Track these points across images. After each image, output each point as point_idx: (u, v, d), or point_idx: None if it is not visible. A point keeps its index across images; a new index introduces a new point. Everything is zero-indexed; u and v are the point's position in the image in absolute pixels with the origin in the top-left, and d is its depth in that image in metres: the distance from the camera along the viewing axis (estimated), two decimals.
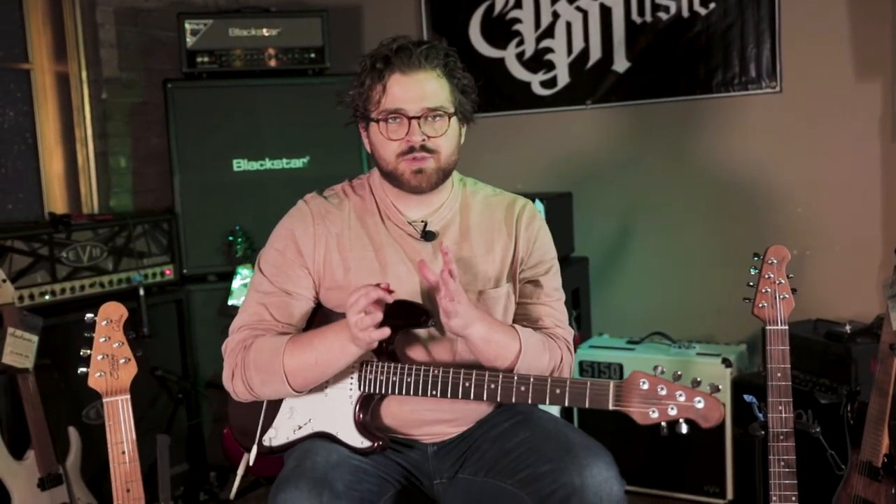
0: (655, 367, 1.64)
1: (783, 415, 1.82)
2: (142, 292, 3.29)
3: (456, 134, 1.87)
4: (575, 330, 3.60)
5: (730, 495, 3.15)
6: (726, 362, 3.15)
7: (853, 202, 3.34)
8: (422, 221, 1.89)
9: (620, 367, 3.32)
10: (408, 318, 1.76)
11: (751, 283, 1.91)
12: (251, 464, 1.89)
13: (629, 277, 3.79)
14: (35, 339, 2.81)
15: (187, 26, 3.58)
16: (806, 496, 2.78)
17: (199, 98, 3.59)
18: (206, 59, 3.60)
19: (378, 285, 1.68)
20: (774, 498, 1.82)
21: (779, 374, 1.83)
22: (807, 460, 2.76)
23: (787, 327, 1.86)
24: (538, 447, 1.77)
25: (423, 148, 1.79)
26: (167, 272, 3.50)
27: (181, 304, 3.53)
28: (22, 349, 2.78)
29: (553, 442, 1.76)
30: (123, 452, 1.66)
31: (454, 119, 1.84)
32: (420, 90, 1.79)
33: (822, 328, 2.95)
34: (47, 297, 3.10)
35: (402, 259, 1.86)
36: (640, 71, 3.67)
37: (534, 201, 3.24)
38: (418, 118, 1.79)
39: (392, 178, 1.84)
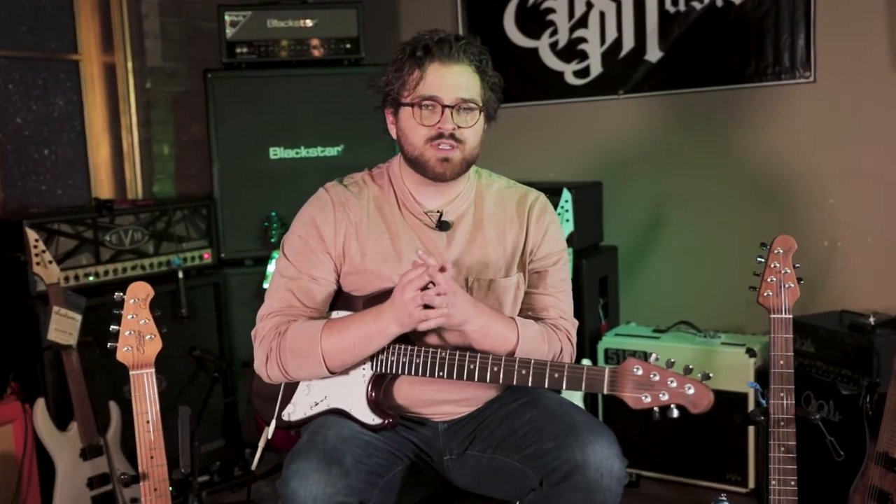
0: (649, 355, 1.70)
1: (784, 401, 1.86)
2: (181, 275, 3.42)
3: (481, 128, 1.93)
4: (602, 318, 3.68)
5: (751, 484, 3.17)
6: (751, 352, 3.16)
7: (886, 194, 3.32)
8: (437, 211, 1.95)
9: (645, 354, 3.35)
10: None
11: (757, 273, 1.95)
12: (269, 437, 1.98)
13: (658, 266, 3.82)
14: (79, 317, 2.95)
15: (227, 18, 3.68)
16: (821, 484, 2.82)
17: (238, 87, 3.69)
18: (244, 49, 3.71)
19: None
20: (774, 482, 1.86)
21: (781, 362, 1.87)
22: (822, 449, 2.79)
23: (791, 316, 1.89)
24: (543, 426, 1.84)
25: (452, 136, 1.86)
26: (205, 256, 3.62)
27: (218, 287, 3.64)
28: (66, 327, 2.92)
29: (558, 421, 1.83)
30: (148, 422, 1.76)
31: (482, 114, 1.91)
32: (456, 81, 1.86)
33: (846, 319, 2.95)
34: (91, 279, 3.23)
35: (418, 247, 1.92)
36: (672, 61, 3.68)
37: (562, 191, 3.32)
38: (452, 107, 1.85)
39: (417, 163, 1.90)
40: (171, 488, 3.31)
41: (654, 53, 3.71)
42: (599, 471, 1.72)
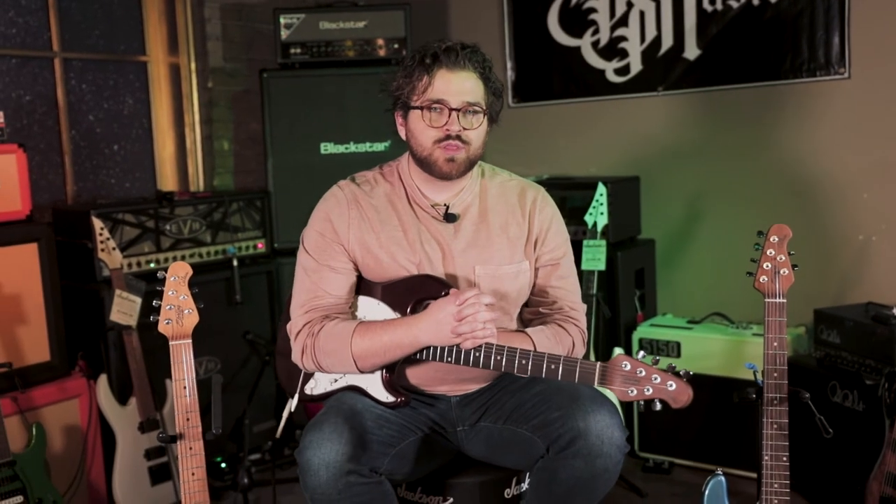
0: (638, 352, 1.82)
1: (777, 381, 1.95)
2: (235, 263, 3.64)
3: (485, 130, 2.07)
4: (638, 308, 3.78)
5: None
6: None
7: None
8: (444, 205, 2.10)
9: (678, 345, 3.45)
10: (431, 292, 2.00)
11: (754, 259, 2.05)
12: (293, 409, 2.16)
13: (695, 259, 3.89)
14: (139, 300, 3.18)
15: (282, 20, 3.89)
16: (844, 472, 2.87)
17: (292, 86, 3.90)
18: (298, 50, 3.91)
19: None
20: (766, 458, 1.95)
21: (775, 344, 1.96)
22: (846, 436, 2.84)
23: (785, 300, 1.98)
24: (550, 397, 1.98)
25: (458, 137, 2.00)
26: (259, 246, 3.83)
27: (271, 275, 3.85)
28: (127, 309, 3.16)
29: (564, 393, 1.97)
30: (185, 388, 1.95)
31: (485, 117, 2.05)
32: (462, 86, 2.00)
33: (872, 311, 2.99)
34: (152, 265, 3.46)
35: (428, 238, 2.08)
36: (710, 58, 3.76)
37: (597, 185, 3.43)
38: (458, 110, 2.00)
39: (425, 163, 2.04)
40: (223, 465, 3.57)
41: (692, 51, 3.79)
42: (601, 437, 1.85)
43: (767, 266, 2.00)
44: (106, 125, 4.06)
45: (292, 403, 2.16)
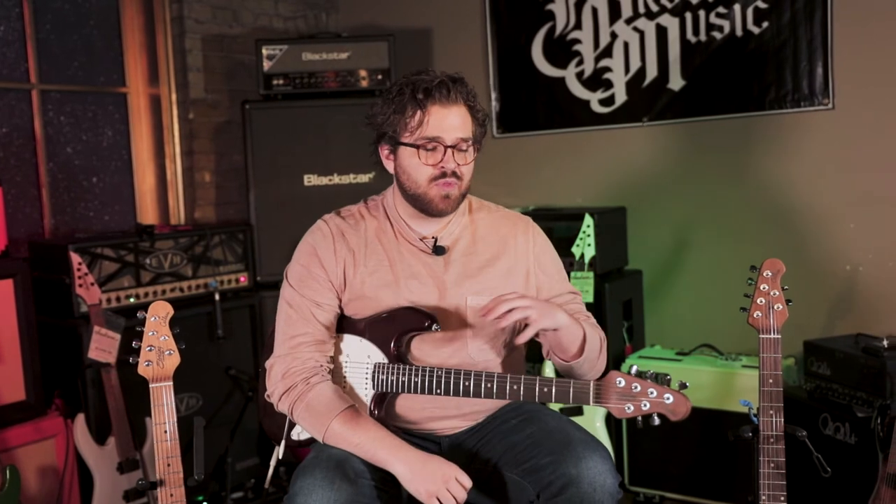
0: (630, 367, 1.78)
1: (774, 419, 1.92)
2: (217, 297, 3.57)
3: (474, 161, 2.04)
4: (626, 340, 3.74)
5: None
6: None
7: None
8: (432, 237, 2.06)
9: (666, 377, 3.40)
10: (414, 324, 1.96)
11: (747, 294, 2.02)
12: (280, 457, 2.10)
13: (682, 290, 3.86)
14: (118, 336, 3.11)
15: (264, 52, 3.86)
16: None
17: (275, 118, 3.86)
18: (281, 81, 3.88)
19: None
20: (764, 497, 1.91)
21: (770, 381, 1.93)
22: (837, 470, 2.81)
23: (779, 336, 1.95)
24: (541, 441, 1.92)
25: (453, 174, 1.97)
26: (242, 279, 3.77)
27: (254, 309, 3.79)
28: (106, 346, 3.09)
29: (555, 436, 1.91)
30: (166, 432, 1.89)
31: (476, 150, 2.03)
32: (454, 122, 1.97)
33: (862, 342, 2.97)
34: (132, 300, 3.40)
35: (416, 272, 2.04)
36: (694, 89, 3.75)
37: (584, 216, 3.40)
38: (453, 147, 1.96)
39: (419, 200, 2.00)
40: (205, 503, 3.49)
41: (676, 82, 3.79)
42: (592, 485, 1.80)
43: (761, 301, 1.97)
44: (84, 157, 4.00)
45: (279, 451, 2.09)
